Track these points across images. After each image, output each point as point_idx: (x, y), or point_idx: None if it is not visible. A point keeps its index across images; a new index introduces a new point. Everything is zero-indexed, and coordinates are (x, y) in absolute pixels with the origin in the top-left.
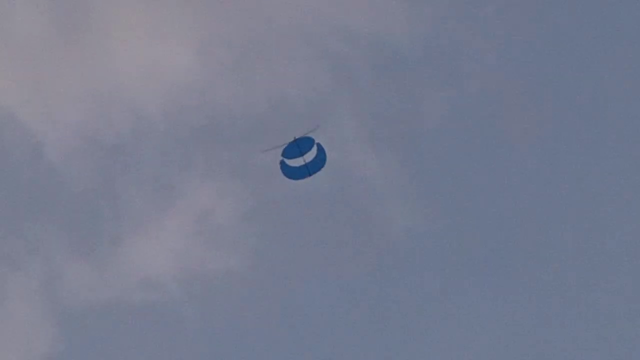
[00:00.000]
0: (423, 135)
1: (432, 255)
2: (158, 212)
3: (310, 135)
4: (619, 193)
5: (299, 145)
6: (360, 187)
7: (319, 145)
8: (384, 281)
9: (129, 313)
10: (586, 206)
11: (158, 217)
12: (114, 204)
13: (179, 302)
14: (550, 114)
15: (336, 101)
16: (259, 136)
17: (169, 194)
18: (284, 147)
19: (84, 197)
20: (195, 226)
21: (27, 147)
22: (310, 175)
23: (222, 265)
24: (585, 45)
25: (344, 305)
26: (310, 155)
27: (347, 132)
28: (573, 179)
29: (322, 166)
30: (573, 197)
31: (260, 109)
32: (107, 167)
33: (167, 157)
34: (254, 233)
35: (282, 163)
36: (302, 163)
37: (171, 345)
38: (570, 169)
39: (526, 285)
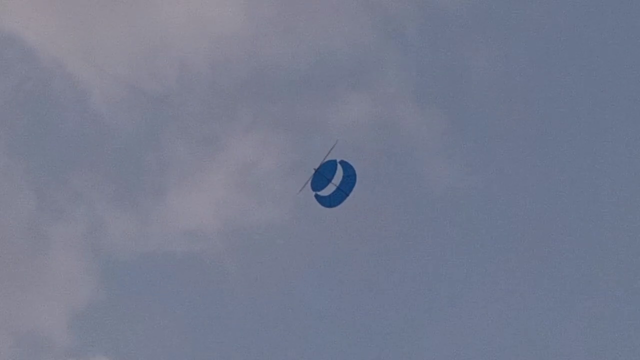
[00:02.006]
0: (470, 93)
1: (474, 213)
2: (202, 164)
3: (329, 158)
4: None
5: (322, 173)
6: (404, 143)
7: (342, 162)
8: (424, 233)
9: (171, 264)
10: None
11: (201, 169)
12: (158, 155)
13: (220, 253)
14: (600, 78)
15: (382, 56)
16: (304, 89)
17: (213, 146)
18: (310, 182)
19: (129, 148)
20: (239, 179)
21: (73, 97)
22: (347, 195)
23: (264, 217)
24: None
25: (382, 254)
26: (338, 177)
27: (393, 88)
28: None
29: (355, 181)
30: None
31: (305, 62)
32: (152, 117)
33: (212, 109)
34: (296, 186)
35: (317, 197)
36: (334, 188)
37: (212, 296)
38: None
39: (565, 252)
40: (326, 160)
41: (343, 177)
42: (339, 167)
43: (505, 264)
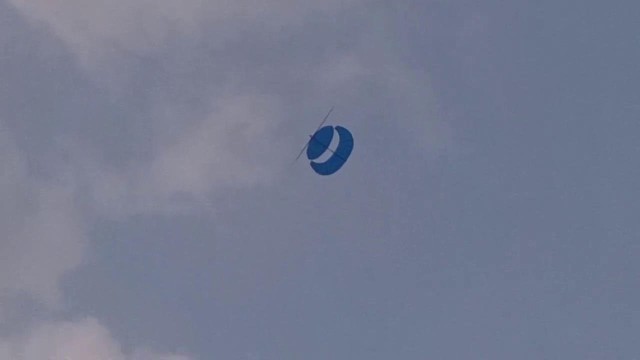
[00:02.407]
0: (459, 55)
1: (460, 178)
2: (191, 125)
3: (325, 124)
4: None
5: (319, 140)
6: (393, 105)
7: (339, 128)
8: (414, 198)
9: (160, 226)
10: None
11: (191, 130)
12: (146, 117)
13: (210, 215)
14: (593, 46)
15: (372, 18)
16: (293, 51)
17: (202, 107)
18: (306, 149)
19: (117, 110)
20: (228, 140)
21: (60, 59)
22: (345, 161)
23: (253, 179)
24: None
25: (372, 219)
26: (334, 143)
27: (382, 50)
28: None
29: (352, 146)
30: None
31: (295, 23)
32: (140, 79)
33: (201, 71)
34: (285, 148)
35: (313, 164)
36: (331, 154)
37: (202, 257)
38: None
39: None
40: (322, 126)
41: (340, 142)
42: (335, 132)
43: (495, 228)
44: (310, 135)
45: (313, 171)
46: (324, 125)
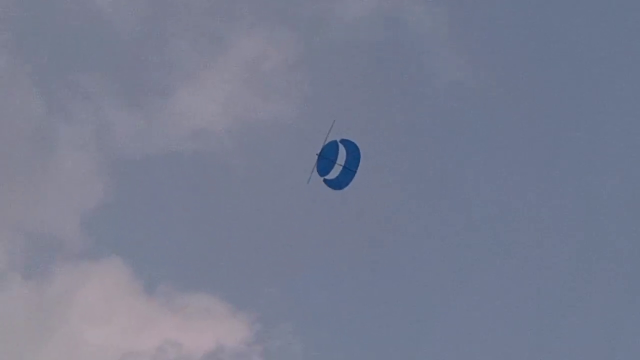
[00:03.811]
0: None
1: (475, 110)
2: (207, 61)
3: (329, 139)
4: None
5: (326, 156)
6: (409, 36)
7: (343, 141)
8: (428, 129)
9: (179, 163)
10: None
11: (207, 66)
12: (163, 54)
13: (228, 151)
14: None
15: None
16: None
17: (218, 43)
18: (315, 168)
19: (133, 47)
20: (244, 75)
21: None
22: (355, 172)
23: (271, 114)
24: None
25: (385, 152)
26: (342, 157)
27: None
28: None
29: (359, 156)
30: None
31: None
32: (156, 14)
33: (215, 5)
34: (302, 82)
35: (326, 181)
36: (341, 168)
37: (220, 193)
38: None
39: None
40: (327, 142)
41: (347, 154)
42: (341, 146)
43: (509, 159)
44: (316, 154)
45: (331, 106)
46: (329, 140)
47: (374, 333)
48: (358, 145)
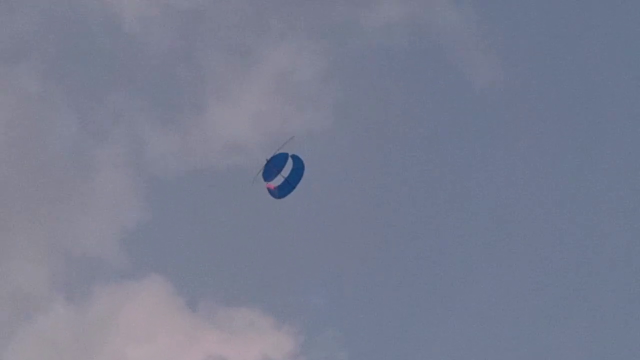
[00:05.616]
0: None
1: (511, 110)
2: (238, 75)
3: (281, 150)
4: None
5: (274, 164)
6: (441, 40)
7: (293, 156)
8: (464, 132)
9: (214, 179)
10: None
11: (238, 80)
12: (193, 71)
13: (262, 164)
14: None
15: None
16: None
17: (248, 56)
18: (261, 172)
19: (164, 65)
20: (276, 88)
21: (105, 18)
22: (293, 188)
23: (303, 125)
24: None
25: (423, 153)
26: (287, 169)
27: None
28: None
29: (302, 174)
30: None
31: None
32: (185, 33)
33: (244, 20)
34: (334, 91)
35: (269, 189)
36: (282, 179)
37: (256, 207)
38: None
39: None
40: (279, 152)
41: (292, 169)
42: (290, 159)
43: (544, 157)
44: (266, 159)
45: (363, 115)
46: (281, 151)
47: (418, 339)
48: (305, 163)
